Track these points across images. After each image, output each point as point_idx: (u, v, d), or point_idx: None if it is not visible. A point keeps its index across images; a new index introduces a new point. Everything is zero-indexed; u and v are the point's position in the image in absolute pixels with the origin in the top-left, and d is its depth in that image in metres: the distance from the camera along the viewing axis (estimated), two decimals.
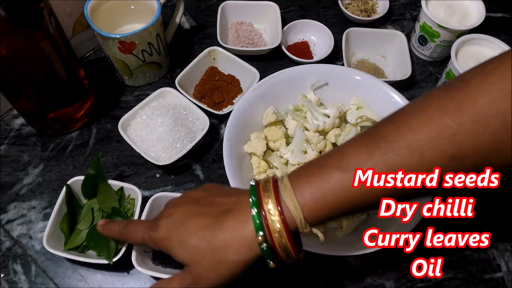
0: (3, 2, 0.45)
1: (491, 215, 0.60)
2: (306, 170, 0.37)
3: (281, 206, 0.36)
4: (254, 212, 0.36)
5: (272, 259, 0.37)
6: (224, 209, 0.38)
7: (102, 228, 0.47)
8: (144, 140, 0.59)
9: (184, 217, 0.39)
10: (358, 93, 0.59)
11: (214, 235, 0.37)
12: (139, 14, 0.66)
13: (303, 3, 0.81)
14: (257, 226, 0.36)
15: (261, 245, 0.36)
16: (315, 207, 0.36)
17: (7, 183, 0.60)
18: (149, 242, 0.41)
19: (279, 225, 0.35)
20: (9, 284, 0.53)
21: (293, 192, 0.36)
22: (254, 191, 0.37)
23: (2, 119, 0.65)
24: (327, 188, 0.35)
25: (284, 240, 0.36)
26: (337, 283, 0.54)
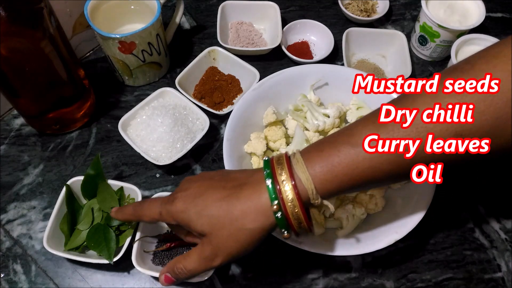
0: (3, 2, 0.45)
1: None
2: (317, 146, 0.40)
3: (294, 177, 0.38)
4: (269, 183, 0.38)
5: (286, 228, 0.39)
6: (239, 183, 0.40)
7: (116, 214, 0.48)
8: (144, 140, 0.59)
9: (201, 190, 0.41)
10: (358, 93, 0.59)
11: (231, 205, 0.39)
12: (139, 14, 0.66)
13: (303, 3, 0.81)
14: (272, 196, 0.38)
15: (276, 214, 0.38)
16: (325, 179, 0.38)
17: (7, 183, 0.60)
18: (166, 216, 0.42)
19: (292, 195, 0.37)
20: (9, 284, 0.53)
21: (304, 165, 0.38)
22: (268, 165, 0.40)
23: (2, 119, 0.65)
24: (337, 162, 0.37)
25: (297, 209, 0.38)
26: (337, 283, 0.54)
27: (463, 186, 0.62)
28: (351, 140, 0.38)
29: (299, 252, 0.53)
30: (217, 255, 0.40)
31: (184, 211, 0.41)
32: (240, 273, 0.54)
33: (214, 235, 0.40)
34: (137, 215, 0.46)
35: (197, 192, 0.41)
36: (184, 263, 0.42)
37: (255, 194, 0.39)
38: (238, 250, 0.40)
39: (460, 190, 0.62)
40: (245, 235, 0.39)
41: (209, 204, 0.40)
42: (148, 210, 0.44)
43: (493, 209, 0.60)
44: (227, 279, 0.54)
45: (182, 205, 0.41)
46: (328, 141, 0.40)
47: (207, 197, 0.40)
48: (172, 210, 0.41)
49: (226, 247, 0.40)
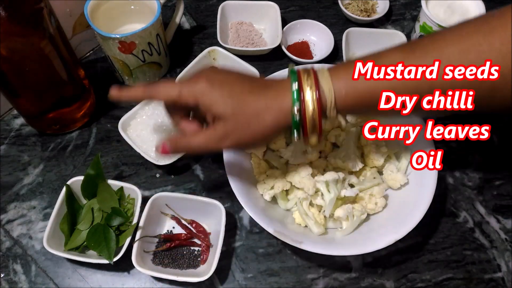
0: (3, 2, 0.45)
1: None
2: (345, 64, 0.42)
3: (318, 87, 0.40)
4: (295, 87, 0.41)
5: (299, 131, 0.42)
6: (266, 84, 0.43)
7: (118, 94, 0.47)
8: (144, 140, 0.59)
9: (230, 79, 0.43)
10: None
11: (257, 98, 0.42)
12: (139, 14, 0.66)
13: (303, 3, 0.81)
14: (295, 99, 0.40)
15: (294, 116, 0.41)
16: (345, 94, 0.40)
17: (7, 183, 0.60)
18: (187, 95, 0.43)
19: (313, 102, 0.40)
20: (9, 284, 0.53)
21: (330, 78, 0.40)
22: (294, 72, 0.42)
23: (2, 119, 0.65)
24: (361, 79, 0.40)
25: (314, 116, 0.40)
26: (337, 283, 0.54)
27: (463, 186, 0.62)
28: (378, 62, 0.40)
29: (299, 252, 0.53)
30: (228, 137, 0.42)
31: (208, 93, 0.42)
32: (240, 273, 0.54)
33: (232, 119, 0.42)
34: (150, 93, 0.45)
35: (225, 79, 0.43)
36: (192, 139, 0.44)
37: (280, 96, 0.41)
38: (248, 138, 0.43)
39: (460, 190, 0.62)
40: (260, 126, 0.42)
41: (236, 92, 0.42)
42: (165, 89, 0.44)
43: (493, 209, 0.60)
44: (227, 279, 0.54)
45: (207, 86, 0.42)
46: (356, 60, 0.41)
47: (235, 86, 0.42)
48: (195, 89, 0.42)
49: (239, 132, 0.42)
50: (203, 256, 0.53)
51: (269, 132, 0.42)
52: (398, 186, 0.55)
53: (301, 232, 0.52)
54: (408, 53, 0.40)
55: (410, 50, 0.40)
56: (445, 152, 0.65)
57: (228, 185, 0.52)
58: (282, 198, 0.55)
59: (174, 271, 0.52)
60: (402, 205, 0.53)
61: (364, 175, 0.57)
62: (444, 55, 0.38)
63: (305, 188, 0.51)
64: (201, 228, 0.55)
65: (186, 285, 0.53)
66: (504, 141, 0.66)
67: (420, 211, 0.50)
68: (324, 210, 0.52)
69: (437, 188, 0.51)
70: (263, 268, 0.55)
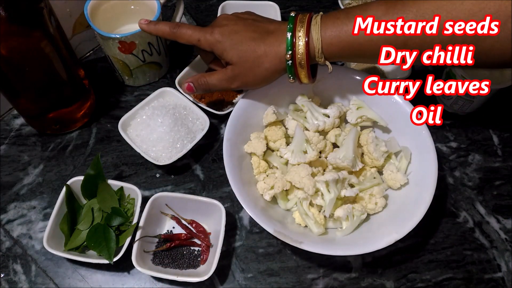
0: (3, 2, 0.45)
1: None
2: (336, 13, 0.48)
3: (308, 36, 0.47)
4: (289, 36, 0.48)
5: (293, 75, 0.51)
6: (267, 30, 0.50)
7: (148, 27, 0.55)
8: (144, 140, 0.59)
9: (237, 28, 0.51)
10: (358, 93, 0.59)
11: (258, 46, 0.50)
12: (139, 14, 0.66)
13: (303, 3, 0.81)
14: (288, 47, 0.48)
15: (288, 61, 0.49)
16: (331, 42, 0.47)
17: (7, 183, 0.60)
18: (204, 43, 0.52)
19: (302, 50, 0.47)
20: (9, 284, 0.53)
21: (320, 27, 0.47)
22: (293, 21, 0.49)
23: (2, 119, 0.65)
24: (345, 30, 0.46)
25: (303, 62, 0.48)
26: (337, 283, 0.54)
27: (463, 186, 0.62)
28: (363, 15, 0.45)
29: (299, 252, 0.53)
30: (236, 79, 0.52)
31: (221, 42, 0.51)
32: (240, 273, 0.54)
33: (239, 65, 0.51)
34: (175, 34, 0.53)
35: (234, 29, 0.51)
36: (208, 78, 0.54)
37: (277, 43, 0.49)
38: (252, 80, 0.52)
39: (460, 190, 0.62)
40: (261, 70, 0.50)
41: (242, 40, 0.50)
42: (188, 34, 0.52)
43: (493, 209, 0.60)
44: (227, 279, 0.54)
45: (220, 37, 0.51)
46: (346, 11, 0.47)
47: (241, 35, 0.50)
48: (211, 39, 0.51)
49: (245, 75, 0.51)
50: (203, 256, 0.53)
51: (269, 75, 0.51)
52: (398, 186, 0.55)
53: (301, 232, 0.52)
54: (390, 7, 0.44)
55: (393, 4, 0.44)
56: (445, 152, 0.65)
57: (228, 185, 0.52)
58: (282, 198, 0.55)
59: (174, 271, 0.52)
60: (402, 205, 0.53)
61: (364, 175, 0.57)
62: (443, 10, 0.41)
63: (305, 188, 0.51)
64: (201, 228, 0.55)
65: (186, 285, 0.53)
66: (504, 141, 0.66)
67: (420, 211, 0.50)
68: (324, 210, 0.52)
69: (437, 188, 0.51)
70: (263, 268, 0.55)
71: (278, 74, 0.51)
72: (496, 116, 0.68)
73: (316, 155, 0.55)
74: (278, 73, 0.51)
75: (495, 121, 0.68)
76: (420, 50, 0.43)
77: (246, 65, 0.51)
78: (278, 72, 0.51)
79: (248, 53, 0.50)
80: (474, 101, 0.63)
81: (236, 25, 0.51)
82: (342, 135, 0.58)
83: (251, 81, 0.52)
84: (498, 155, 0.65)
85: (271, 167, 0.58)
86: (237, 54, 0.50)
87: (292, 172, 0.53)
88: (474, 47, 0.40)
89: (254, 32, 0.50)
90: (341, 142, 0.57)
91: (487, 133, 0.67)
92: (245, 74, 0.51)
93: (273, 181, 0.53)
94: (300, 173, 0.52)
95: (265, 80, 0.52)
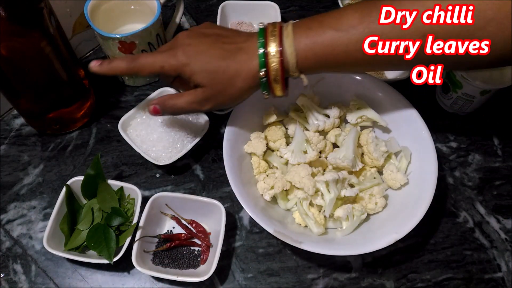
0: (3, 2, 0.45)
1: None
2: (308, 23, 0.45)
3: (281, 50, 0.44)
4: (261, 51, 0.45)
5: (268, 90, 0.48)
6: (236, 47, 0.46)
7: (101, 68, 0.49)
8: (144, 140, 0.59)
9: (202, 49, 0.47)
10: (358, 93, 0.59)
11: (228, 65, 0.46)
12: (139, 14, 0.66)
13: (303, 3, 0.81)
14: (261, 63, 0.45)
15: (261, 78, 0.46)
16: (306, 56, 0.44)
17: (7, 183, 0.60)
18: (169, 69, 0.47)
19: (276, 65, 0.45)
20: (9, 284, 0.53)
21: (293, 40, 0.44)
22: (263, 34, 0.46)
23: (2, 119, 0.65)
24: (320, 42, 0.43)
25: (278, 78, 0.46)
26: (337, 283, 0.54)
27: (463, 186, 0.62)
28: (337, 25, 0.43)
29: (299, 252, 0.53)
30: (208, 102, 0.48)
31: (188, 65, 0.46)
32: (240, 273, 0.54)
33: (210, 87, 0.47)
34: (135, 69, 0.48)
35: (199, 50, 0.46)
36: (176, 100, 0.49)
37: (248, 60, 0.45)
38: (225, 101, 0.48)
39: (460, 190, 0.62)
40: (234, 90, 0.47)
41: (210, 61, 0.46)
42: (149, 64, 0.47)
43: (493, 209, 0.60)
44: (227, 279, 0.54)
45: (185, 59, 0.46)
46: (318, 21, 0.45)
47: (208, 55, 0.46)
48: (176, 64, 0.47)
49: (217, 97, 0.48)
50: (203, 256, 0.53)
51: (243, 93, 0.48)
52: (398, 186, 0.55)
53: (301, 232, 0.52)
54: (365, 16, 0.42)
55: (368, 13, 0.42)
56: (445, 152, 0.65)
57: (228, 185, 0.52)
58: (282, 198, 0.55)
59: (174, 271, 0.52)
60: (402, 205, 0.53)
61: (364, 175, 0.57)
62: None
63: (305, 188, 0.51)
64: (201, 228, 0.55)
65: (186, 285, 0.53)
66: (504, 141, 0.66)
67: (420, 211, 0.50)
68: (324, 210, 0.52)
69: (437, 188, 0.51)
70: (263, 268, 0.55)
71: (252, 91, 0.48)
72: (496, 116, 0.68)
73: (316, 155, 0.55)
74: (253, 90, 0.48)
75: (495, 121, 0.68)
76: None
77: (218, 87, 0.47)
78: (252, 89, 0.48)
79: (219, 74, 0.46)
80: (474, 101, 0.63)
81: (201, 44, 0.47)
82: (342, 135, 0.58)
83: (224, 102, 0.49)
84: (498, 155, 0.65)
85: (271, 167, 0.58)
86: (207, 76, 0.46)
87: (292, 172, 0.53)
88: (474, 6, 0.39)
89: (222, 50, 0.46)
90: (341, 142, 0.57)
91: (487, 133, 0.67)
92: (218, 96, 0.48)
93: (273, 181, 0.53)
94: (300, 173, 0.52)
95: (240, 98, 0.49)
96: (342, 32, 0.43)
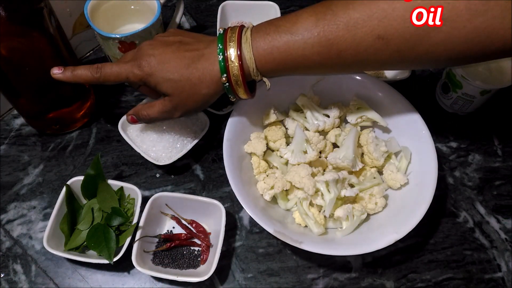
0: (3, 2, 0.45)
1: None
2: (266, 27, 0.46)
3: (240, 56, 0.45)
4: (220, 58, 0.46)
5: (233, 94, 0.49)
6: (197, 54, 0.48)
7: (64, 75, 0.50)
8: (144, 140, 0.59)
9: (165, 58, 0.47)
10: (358, 93, 0.60)
11: (191, 74, 0.47)
12: (139, 14, 0.66)
13: (303, 3, 0.81)
14: (222, 69, 0.46)
15: (224, 83, 0.47)
16: (265, 60, 0.45)
17: (7, 183, 0.60)
18: (134, 78, 0.49)
19: (237, 71, 0.46)
20: (9, 284, 0.53)
21: (251, 45, 0.45)
22: (222, 39, 0.47)
23: (2, 119, 0.65)
24: (277, 46, 0.45)
25: (239, 82, 0.47)
26: (337, 283, 0.54)
27: (463, 186, 0.62)
28: (292, 29, 0.44)
29: (299, 252, 0.53)
30: (176, 110, 0.50)
31: (151, 75, 0.48)
32: (240, 273, 0.54)
33: (176, 96, 0.48)
34: (100, 78, 0.50)
35: (162, 59, 0.47)
36: (149, 111, 0.52)
37: (210, 67, 0.47)
38: (193, 107, 0.50)
39: (460, 190, 0.62)
40: (200, 96, 0.48)
41: (173, 70, 0.47)
42: (114, 74, 0.49)
43: (493, 209, 0.60)
44: (227, 279, 0.54)
45: (149, 69, 0.47)
46: (275, 25, 0.46)
47: (171, 64, 0.47)
48: (140, 74, 0.48)
49: (184, 105, 0.49)
50: (203, 256, 0.53)
51: (209, 98, 0.49)
52: (398, 186, 0.55)
53: (301, 232, 0.52)
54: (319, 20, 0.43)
55: (323, 16, 0.43)
56: (445, 152, 0.65)
57: (228, 185, 0.52)
58: (282, 198, 0.55)
59: (174, 271, 0.52)
60: (402, 205, 0.53)
61: (364, 175, 0.57)
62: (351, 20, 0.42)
63: (305, 188, 0.51)
64: (201, 228, 0.55)
65: (186, 285, 0.53)
66: (504, 141, 0.66)
67: (420, 211, 0.50)
68: (324, 210, 0.52)
69: (437, 188, 0.51)
70: (263, 268, 0.55)
71: (218, 94, 0.50)
72: (496, 116, 0.68)
73: (316, 155, 0.55)
74: (218, 93, 0.49)
75: (495, 121, 0.68)
76: None
77: (183, 95, 0.48)
78: (218, 93, 0.49)
79: (183, 83, 0.47)
80: (474, 101, 0.63)
81: (164, 53, 0.48)
82: (342, 135, 0.58)
83: (192, 108, 0.50)
84: (498, 155, 0.65)
85: (271, 167, 0.58)
86: (171, 85, 0.48)
87: (292, 172, 0.53)
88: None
89: (184, 58, 0.47)
90: (341, 142, 0.57)
91: (487, 133, 0.67)
92: (185, 103, 0.49)
93: (273, 181, 0.53)
94: (300, 173, 0.52)
95: (207, 102, 0.50)
96: (298, 36, 0.44)
